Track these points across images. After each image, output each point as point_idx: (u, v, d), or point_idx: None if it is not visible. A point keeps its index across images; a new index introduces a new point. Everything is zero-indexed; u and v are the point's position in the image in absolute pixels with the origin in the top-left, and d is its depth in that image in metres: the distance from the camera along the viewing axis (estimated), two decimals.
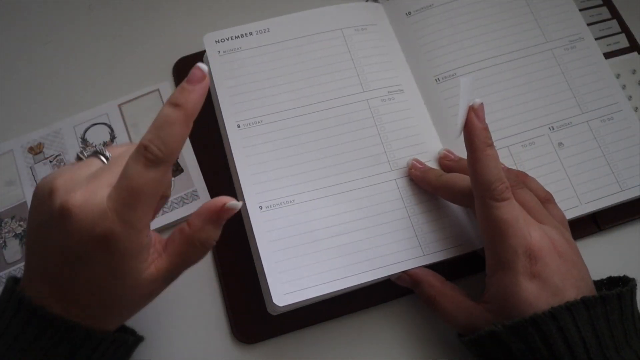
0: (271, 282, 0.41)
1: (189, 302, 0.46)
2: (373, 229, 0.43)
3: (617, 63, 0.52)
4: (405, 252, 0.43)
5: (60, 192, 0.31)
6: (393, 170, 0.46)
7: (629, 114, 0.48)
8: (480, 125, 0.38)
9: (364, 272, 0.42)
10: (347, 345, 0.45)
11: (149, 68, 0.54)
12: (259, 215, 0.43)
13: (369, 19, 0.51)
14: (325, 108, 0.47)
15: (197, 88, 0.31)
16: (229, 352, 0.45)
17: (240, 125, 0.46)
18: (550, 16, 0.51)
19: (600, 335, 0.35)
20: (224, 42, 0.48)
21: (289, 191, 0.44)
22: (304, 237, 0.43)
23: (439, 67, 0.49)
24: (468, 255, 0.44)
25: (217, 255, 0.47)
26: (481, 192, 0.37)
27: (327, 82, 0.48)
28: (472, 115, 0.38)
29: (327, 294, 0.41)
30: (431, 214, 0.44)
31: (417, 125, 0.48)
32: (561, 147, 0.47)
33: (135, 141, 0.50)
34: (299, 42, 0.49)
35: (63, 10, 0.57)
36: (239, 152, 0.45)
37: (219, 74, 0.47)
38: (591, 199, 0.45)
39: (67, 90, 0.53)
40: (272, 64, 0.48)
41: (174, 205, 0.48)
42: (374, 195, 0.45)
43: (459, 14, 0.51)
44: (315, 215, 0.44)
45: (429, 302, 0.42)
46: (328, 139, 0.46)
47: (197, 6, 0.56)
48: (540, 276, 0.36)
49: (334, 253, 0.42)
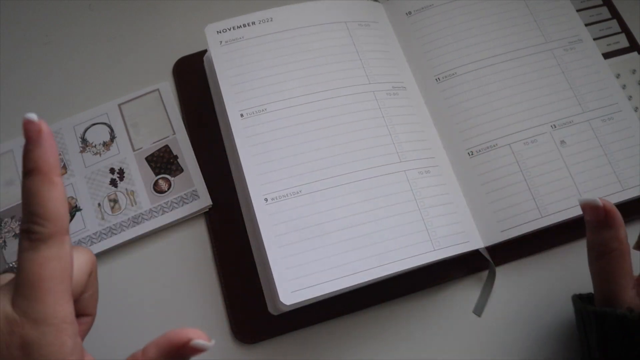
0: (278, 279, 0.40)
1: (189, 302, 0.46)
2: (382, 222, 0.42)
3: (617, 63, 0.52)
4: (415, 246, 0.42)
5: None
6: (402, 161, 0.45)
7: (629, 114, 0.48)
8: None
9: (374, 268, 0.41)
10: (348, 345, 0.45)
11: (149, 68, 0.54)
12: (264, 208, 0.42)
13: (371, 16, 0.51)
14: (331, 97, 0.46)
15: (38, 142, 0.27)
16: (229, 352, 0.45)
17: (243, 114, 0.45)
18: (549, 18, 0.51)
19: None
20: (225, 32, 0.47)
21: (296, 181, 0.43)
22: (312, 231, 0.41)
23: (439, 66, 0.49)
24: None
25: (217, 255, 0.47)
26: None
27: (333, 72, 0.47)
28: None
29: (336, 291, 0.40)
30: (442, 208, 0.44)
31: (420, 122, 0.47)
32: (563, 145, 0.47)
33: (135, 141, 0.50)
34: (303, 31, 0.48)
35: (63, 10, 0.57)
36: (243, 142, 0.44)
37: (221, 64, 0.46)
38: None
39: (67, 90, 0.53)
40: (275, 52, 0.47)
41: (174, 205, 0.48)
42: (383, 186, 0.43)
43: (459, 14, 0.51)
44: (323, 207, 0.42)
45: (602, 253, 0.36)
46: (335, 127, 0.45)
47: (197, 6, 0.56)
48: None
49: (343, 247, 0.41)
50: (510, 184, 0.46)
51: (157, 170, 0.49)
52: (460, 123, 0.48)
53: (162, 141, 0.50)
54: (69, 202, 0.49)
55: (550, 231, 0.46)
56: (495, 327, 0.45)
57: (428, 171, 0.45)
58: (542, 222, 0.45)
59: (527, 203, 0.45)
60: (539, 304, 0.46)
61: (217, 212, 0.48)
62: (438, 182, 0.45)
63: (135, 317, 0.46)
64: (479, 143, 0.47)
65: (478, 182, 0.46)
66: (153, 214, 0.48)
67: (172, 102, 0.52)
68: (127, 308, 0.46)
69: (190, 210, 0.48)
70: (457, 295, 0.46)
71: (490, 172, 0.46)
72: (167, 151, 0.50)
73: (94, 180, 0.49)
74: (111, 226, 0.48)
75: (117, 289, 0.47)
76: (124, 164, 0.50)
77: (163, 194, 0.48)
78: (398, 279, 0.44)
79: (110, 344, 0.45)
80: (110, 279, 0.47)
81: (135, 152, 0.50)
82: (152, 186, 0.49)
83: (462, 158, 0.47)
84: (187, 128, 0.51)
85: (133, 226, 0.47)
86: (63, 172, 0.50)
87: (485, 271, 0.46)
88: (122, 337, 0.45)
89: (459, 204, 0.45)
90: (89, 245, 0.47)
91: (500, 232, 0.44)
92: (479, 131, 0.47)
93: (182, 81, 0.53)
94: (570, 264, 0.47)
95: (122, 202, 0.48)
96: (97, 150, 0.50)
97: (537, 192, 0.45)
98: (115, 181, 0.49)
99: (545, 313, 0.45)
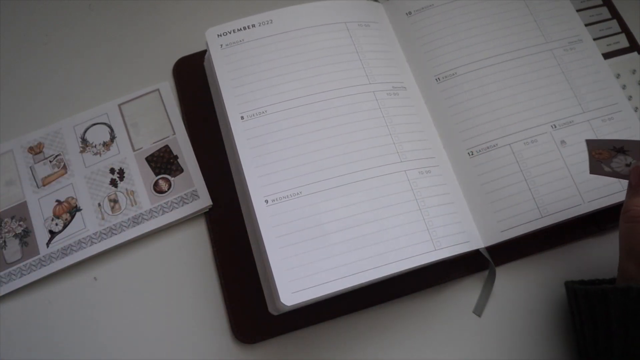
0: (278, 280, 0.40)
1: (189, 302, 0.46)
2: (383, 222, 0.42)
3: (617, 63, 0.52)
4: (415, 246, 0.42)
5: None
6: (402, 161, 0.45)
7: (629, 114, 0.48)
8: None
9: (374, 268, 0.41)
10: (348, 345, 0.45)
11: (149, 68, 0.54)
12: (265, 210, 0.42)
13: (371, 16, 0.51)
14: (331, 97, 0.46)
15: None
16: (229, 352, 0.45)
17: (244, 116, 0.45)
18: (549, 18, 0.51)
19: None
20: (226, 35, 0.48)
21: (296, 182, 0.43)
22: (313, 232, 0.41)
23: (439, 66, 0.49)
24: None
25: (217, 255, 0.47)
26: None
27: (333, 72, 0.47)
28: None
29: (336, 292, 0.40)
30: (442, 208, 0.44)
31: (420, 122, 0.47)
32: (564, 145, 0.47)
33: (135, 141, 0.50)
34: (303, 32, 0.48)
35: (63, 10, 0.57)
36: (243, 144, 0.44)
37: (222, 67, 0.46)
38: (594, 197, 0.45)
39: (67, 90, 0.53)
40: (275, 54, 0.47)
41: (174, 205, 0.48)
42: (383, 186, 0.43)
43: (459, 14, 0.51)
44: (323, 208, 0.42)
45: (633, 217, 0.38)
46: (335, 128, 0.45)
47: (197, 6, 0.56)
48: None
49: (344, 247, 0.41)
50: (511, 184, 0.46)
51: (157, 170, 0.49)
52: (461, 123, 0.48)
53: (162, 141, 0.50)
54: (69, 202, 0.49)
55: (550, 231, 0.46)
56: (495, 327, 0.45)
57: (429, 171, 0.45)
58: (542, 222, 0.45)
59: (527, 203, 0.45)
60: (539, 303, 0.46)
61: (217, 212, 0.48)
62: (438, 182, 0.45)
63: (135, 317, 0.46)
64: (479, 143, 0.47)
65: (478, 182, 0.46)
66: (153, 214, 0.48)
67: (172, 102, 0.52)
68: (128, 308, 0.46)
69: (190, 211, 0.48)
70: (457, 295, 0.46)
71: (491, 172, 0.46)
72: (167, 151, 0.50)
73: (94, 180, 0.49)
74: (111, 226, 0.47)
75: (117, 289, 0.47)
76: (124, 164, 0.50)
77: (163, 194, 0.48)
78: (398, 279, 0.44)
79: (111, 343, 0.45)
80: (111, 279, 0.47)
81: (135, 152, 0.50)
82: (152, 186, 0.49)
83: (462, 158, 0.47)
84: (187, 128, 0.51)
85: (133, 226, 0.47)
86: (63, 172, 0.50)
87: (485, 271, 0.46)
88: (123, 337, 0.45)
89: (459, 204, 0.45)
90: (89, 245, 0.47)
91: (500, 232, 0.44)
92: (479, 131, 0.47)
93: (182, 81, 0.53)
94: (570, 264, 0.47)
95: (122, 202, 0.48)
96: (97, 150, 0.50)
97: (537, 192, 0.45)
98: (115, 181, 0.49)
99: (545, 313, 0.45)
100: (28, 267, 0.47)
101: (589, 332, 0.39)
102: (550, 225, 0.45)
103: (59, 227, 0.48)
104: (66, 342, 0.45)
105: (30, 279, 0.46)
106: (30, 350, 0.45)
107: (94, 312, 0.46)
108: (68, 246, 0.47)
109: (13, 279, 0.47)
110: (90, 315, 0.46)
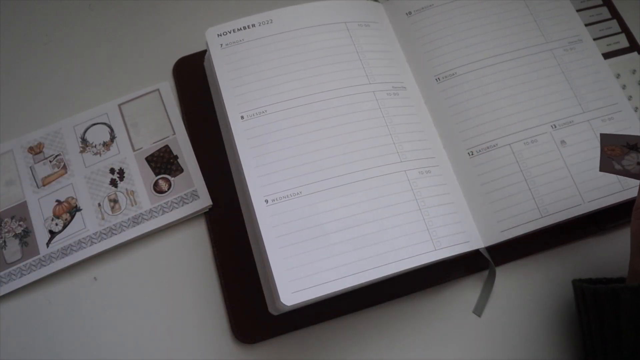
0: (278, 280, 0.40)
1: (189, 302, 0.46)
2: (383, 222, 0.42)
3: (617, 63, 0.52)
4: (415, 246, 0.42)
5: None
6: (402, 161, 0.45)
7: (629, 114, 0.48)
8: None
9: (374, 268, 0.41)
10: (348, 345, 0.45)
11: (149, 68, 0.54)
12: (265, 210, 0.42)
13: (371, 16, 0.51)
14: (331, 97, 0.46)
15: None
16: (229, 352, 0.45)
17: (244, 116, 0.45)
18: (549, 18, 0.51)
19: None
20: (226, 35, 0.48)
21: (296, 182, 0.43)
22: (313, 231, 0.41)
23: (439, 66, 0.49)
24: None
25: (217, 255, 0.47)
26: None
27: (333, 72, 0.47)
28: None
29: (337, 291, 0.40)
30: (442, 208, 0.44)
31: (420, 122, 0.47)
32: (564, 145, 0.47)
33: (135, 141, 0.50)
34: (303, 32, 0.48)
35: (63, 10, 0.57)
36: (243, 144, 0.44)
37: (222, 67, 0.46)
38: (594, 197, 0.45)
39: (67, 90, 0.53)
40: (275, 54, 0.47)
41: (174, 205, 0.48)
42: (383, 185, 0.43)
43: (459, 14, 0.51)
44: (323, 208, 0.42)
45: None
46: (335, 127, 0.45)
47: (197, 6, 0.56)
48: None
49: (344, 247, 0.41)
50: (511, 184, 0.46)
51: (157, 170, 0.49)
52: (460, 123, 0.48)
53: (162, 141, 0.50)
54: (69, 202, 0.49)
55: (550, 231, 0.46)
56: (495, 327, 0.45)
57: (429, 171, 0.45)
58: (542, 222, 0.45)
59: (527, 203, 0.45)
60: (539, 304, 0.46)
61: (217, 212, 0.48)
62: (438, 182, 0.45)
63: (135, 317, 0.46)
64: (479, 143, 0.47)
65: (478, 182, 0.46)
66: (153, 214, 0.48)
67: (172, 102, 0.52)
68: (128, 308, 0.46)
69: (190, 210, 0.48)
70: (457, 295, 0.46)
71: (491, 172, 0.46)
72: (167, 151, 0.50)
73: (94, 180, 0.49)
74: (111, 226, 0.48)
75: (117, 289, 0.47)
76: (124, 164, 0.50)
77: (163, 194, 0.48)
78: (398, 279, 0.44)
79: (111, 343, 0.45)
80: (111, 279, 0.47)
81: (135, 152, 0.50)
82: (152, 186, 0.49)
83: (462, 158, 0.47)
84: (187, 128, 0.51)
85: (133, 226, 0.47)
86: (63, 172, 0.50)
87: (485, 271, 0.46)
88: (123, 337, 0.45)
89: (459, 204, 0.45)
90: (89, 245, 0.47)
91: (500, 232, 0.44)
92: (479, 131, 0.47)
93: (182, 81, 0.53)
94: (570, 264, 0.47)
95: (122, 202, 0.48)
96: (97, 150, 0.50)
97: (537, 192, 0.45)
98: (115, 181, 0.49)
99: (545, 313, 0.45)
100: (28, 267, 0.47)
101: (596, 332, 0.39)
102: (550, 225, 0.45)
103: (59, 227, 0.48)
104: (66, 342, 0.45)
105: (30, 279, 0.47)
106: (30, 350, 0.45)
107: (94, 312, 0.46)
108: (68, 246, 0.47)
109: (13, 279, 0.47)
110: (90, 315, 0.46)
